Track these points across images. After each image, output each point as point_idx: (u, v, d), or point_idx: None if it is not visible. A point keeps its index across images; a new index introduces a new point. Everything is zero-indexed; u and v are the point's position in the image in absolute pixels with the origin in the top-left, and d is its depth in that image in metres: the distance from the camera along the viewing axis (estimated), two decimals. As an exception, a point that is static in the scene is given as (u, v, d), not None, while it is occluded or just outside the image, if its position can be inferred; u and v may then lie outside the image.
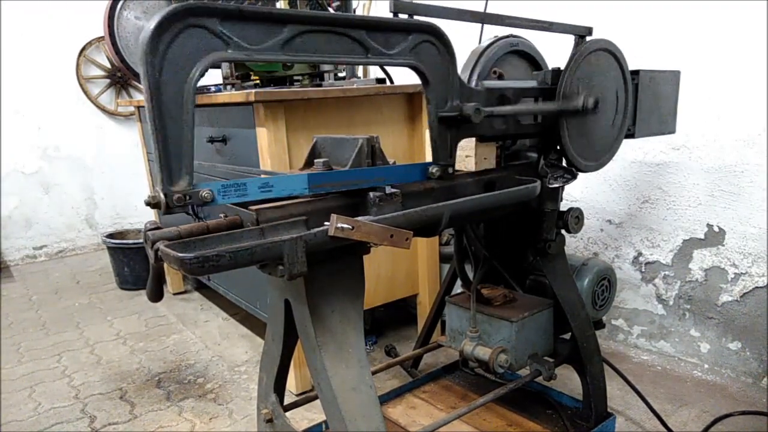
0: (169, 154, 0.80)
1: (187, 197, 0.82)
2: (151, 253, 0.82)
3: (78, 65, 4.10)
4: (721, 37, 1.89)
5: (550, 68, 1.37)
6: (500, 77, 1.39)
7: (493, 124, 1.23)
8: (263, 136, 1.78)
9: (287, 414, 1.20)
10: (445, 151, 1.13)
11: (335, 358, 0.98)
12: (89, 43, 4.11)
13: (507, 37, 1.41)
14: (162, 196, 0.80)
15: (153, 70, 0.76)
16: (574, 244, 2.45)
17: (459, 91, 1.13)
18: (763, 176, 1.87)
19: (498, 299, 1.45)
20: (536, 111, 1.29)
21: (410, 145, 2.16)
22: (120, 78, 4.27)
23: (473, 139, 1.24)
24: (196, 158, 0.91)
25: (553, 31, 1.35)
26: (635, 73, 1.44)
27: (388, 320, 2.65)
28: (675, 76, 1.56)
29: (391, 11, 1.06)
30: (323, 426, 1.52)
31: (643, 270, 2.24)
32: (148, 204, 0.83)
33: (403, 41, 1.02)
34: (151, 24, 0.76)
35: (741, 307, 1.99)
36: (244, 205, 0.93)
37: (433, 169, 1.12)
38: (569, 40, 1.39)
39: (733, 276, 1.99)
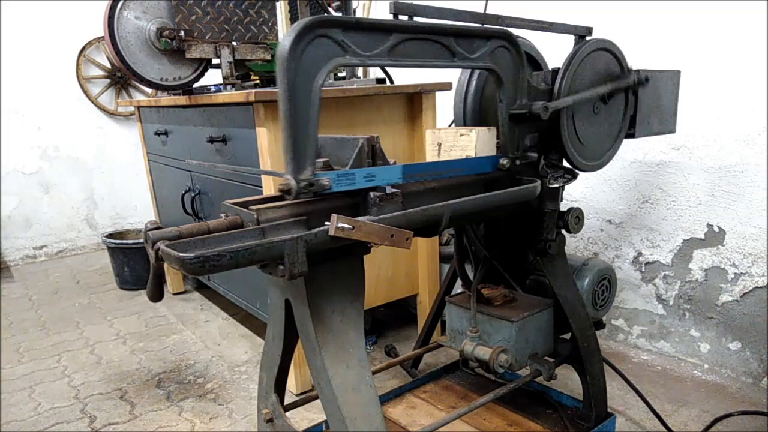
0: (299, 147, 0.90)
1: (311, 184, 0.92)
2: (151, 253, 0.82)
3: (78, 65, 4.10)
4: (721, 37, 1.89)
5: (550, 68, 1.38)
6: (500, 77, 1.39)
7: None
8: (263, 136, 1.78)
9: (287, 414, 1.20)
10: (513, 145, 1.27)
11: (335, 358, 0.98)
12: (89, 43, 4.11)
13: (507, 37, 1.41)
14: (294, 182, 0.90)
15: (290, 74, 0.87)
16: (574, 244, 2.45)
17: (527, 90, 1.25)
18: (763, 176, 1.87)
19: (498, 299, 1.45)
20: (604, 93, 1.36)
21: (410, 145, 2.16)
22: (120, 78, 4.27)
23: (473, 133, 1.25)
24: (196, 158, 0.92)
25: (553, 31, 1.35)
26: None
27: (388, 320, 2.65)
28: (675, 76, 1.56)
29: (391, 12, 1.06)
30: (323, 426, 1.52)
31: (643, 270, 2.24)
32: (281, 191, 0.92)
33: (483, 46, 1.14)
34: (292, 33, 0.87)
35: (741, 307, 1.99)
36: (245, 205, 0.94)
37: (504, 161, 1.25)
38: (569, 40, 1.39)
39: (733, 276, 1.99)
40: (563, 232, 1.47)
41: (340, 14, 2.44)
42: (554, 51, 1.57)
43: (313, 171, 0.92)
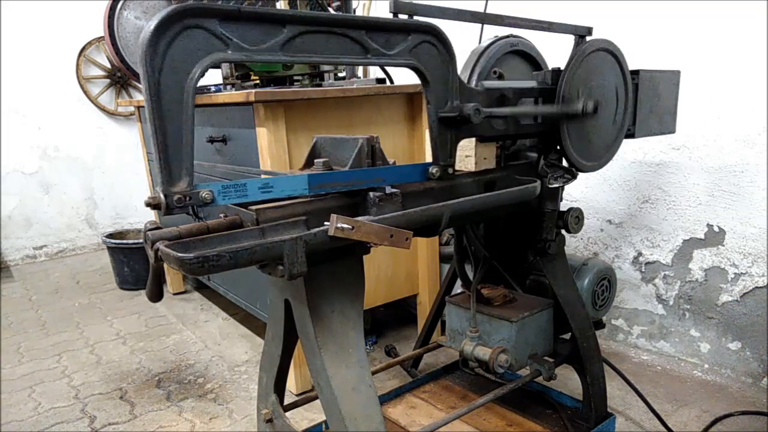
0: (169, 155, 0.80)
1: (188, 198, 0.82)
2: (151, 253, 0.82)
3: (78, 65, 4.10)
4: (721, 37, 1.89)
5: (550, 68, 1.37)
6: (500, 77, 1.39)
7: (493, 124, 1.23)
8: (263, 136, 1.78)
9: (287, 414, 1.20)
10: (445, 152, 1.13)
11: (335, 358, 0.98)
12: (89, 43, 4.11)
13: (507, 37, 1.41)
14: (162, 197, 0.80)
15: (153, 71, 0.76)
16: (574, 244, 2.45)
17: (459, 92, 1.13)
18: (763, 176, 1.87)
19: (498, 299, 1.45)
20: (536, 113, 1.29)
21: (410, 145, 2.16)
22: (120, 78, 4.27)
23: (473, 139, 1.24)
24: (196, 158, 0.92)
25: (553, 31, 1.35)
26: (635, 73, 1.44)
27: (388, 320, 2.65)
28: (675, 76, 1.56)
29: (390, 11, 1.06)
30: (323, 426, 1.52)
31: (643, 270, 2.24)
32: (148, 205, 0.83)
33: (403, 41, 1.02)
34: (151, 25, 0.76)
35: (741, 307, 1.99)
36: (245, 205, 0.93)
37: (433, 170, 1.12)
38: (569, 40, 1.39)
39: (733, 276, 1.99)
40: (563, 232, 1.47)
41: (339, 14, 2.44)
42: (554, 51, 1.57)
43: (190, 182, 0.82)
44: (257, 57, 0.86)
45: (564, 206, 1.43)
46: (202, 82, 2.36)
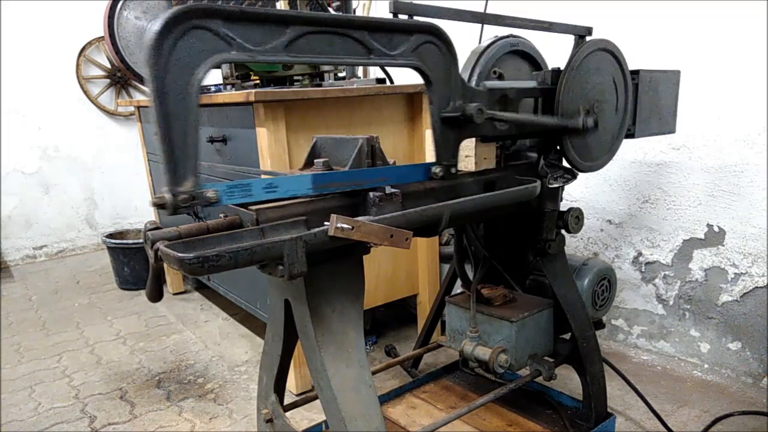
0: (175, 155, 0.81)
1: (193, 198, 0.82)
2: (151, 254, 0.82)
3: (78, 65, 4.10)
4: (721, 37, 1.89)
5: (550, 68, 1.37)
6: (500, 77, 1.39)
7: (495, 124, 1.23)
8: (263, 136, 1.78)
9: (287, 414, 1.20)
10: (447, 151, 1.13)
11: (335, 358, 0.98)
12: (89, 43, 4.11)
13: (507, 37, 1.41)
14: (168, 197, 0.80)
15: (158, 72, 0.76)
16: (574, 244, 2.45)
17: (461, 92, 1.12)
18: (763, 176, 1.87)
19: (498, 299, 1.45)
20: (537, 124, 1.29)
21: (410, 145, 2.16)
22: (120, 78, 4.27)
23: (473, 139, 1.24)
24: (197, 158, 0.92)
25: (553, 31, 1.35)
26: (635, 73, 1.44)
27: (388, 320, 2.65)
28: (675, 76, 1.56)
29: (390, 12, 1.06)
30: (323, 426, 1.52)
31: (643, 270, 2.24)
32: (154, 205, 0.83)
33: (406, 42, 1.01)
34: (155, 26, 0.76)
35: (741, 307, 1.99)
36: (245, 205, 0.93)
37: (436, 170, 1.12)
38: (569, 40, 1.39)
39: (733, 276, 1.99)
40: (563, 232, 1.47)
41: (339, 14, 2.44)
42: (554, 51, 1.57)
43: (195, 182, 0.82)
44: (261, 57, 0.86)
45: (564, 206, 1.43)
46: (203, 82, 2.36)
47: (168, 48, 0.76)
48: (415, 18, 1.06)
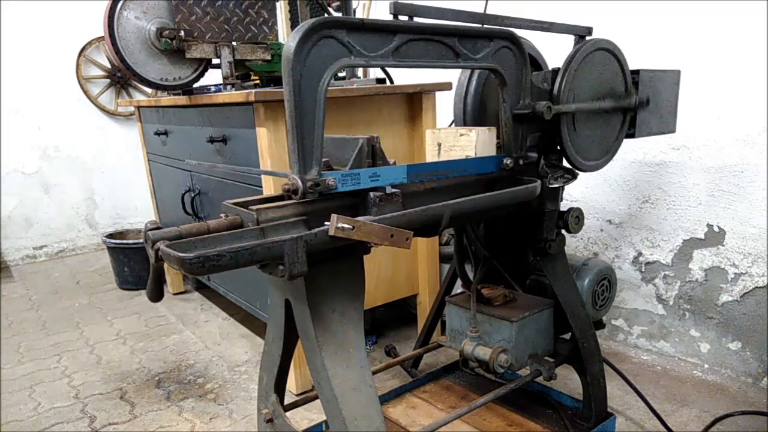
0: (305, 146, 0.91)
1: (317, 184, 0.93)
2: (151, 253, 0.82)
3: (78, 65, 4.10)
4: (721, 37, 1.89)
5: (550, 68, 1.37)
6: (500, 77, 1.39)
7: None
8: (263, 136, 1.78)
9: (287, 414, 1.20)
10: (516, 144, 1.27)
11: (335, 358, 0.98)
12: (89, 43, 4.11)
13: (507, 37, 1.41)
14: (300, 182, 0.91)
15: (295, 75, 0.88)
16: (574, 244, 2.45)
17: (530, 91, 1.25)
18: (763, 176, 1.87)
19: (498, 299, 1.45)
20: (601, 108, 1.37)
21: (410, 145, 2.16)
22: (120, 78, 4.27)
23: (473, 136, 1.24)
24: (196, 158, 0.93)
25: (553, 31, 1.35)
26: (635, 72, 1.44)
27: (388, 320, 2.65)
28: (675, 75, 1.56)
29: (391, 13, 1.06)
30: (323, 426, 1.52)
31: (643, 270, 2.24)
32: (287, 191, 0.93)
33: (486, 47, 1.14)
34: (297, 35, 0.87)
35: (741, 307, 1.99)
36: (245, 205, 0.94)
37: (507, 161, 1.25)
38: (569, 40, 1.39)
39: (733, 276, 1.99)
40: (563, 232, 1.47)
41: (340, 14, 2.45)
42: (554, 51, 1.57)
43: (319, 171, 0.93)
44: (374, 62, 0.98)
45: (564, 206, 1.43)
46: (202, 82, 2.37)
47: (304, 54, 0.88)
48: (420, 19, 1.07)
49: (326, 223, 0.89)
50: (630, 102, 1.42)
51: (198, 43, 2.07)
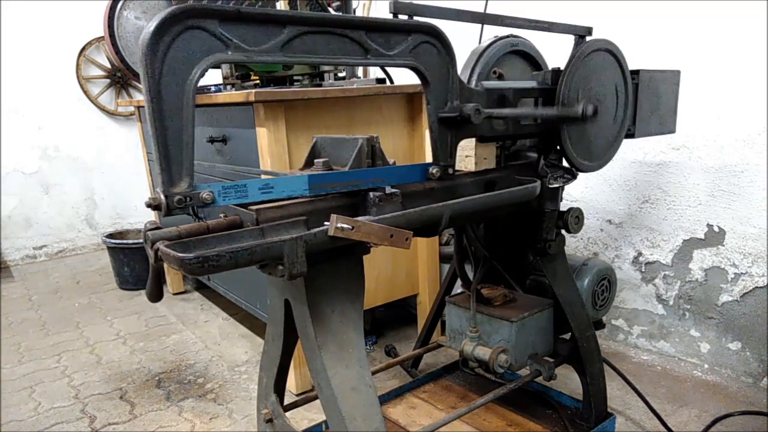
0: (170, 156, 0.80)
1: (188, 199, 0.82)
2: (151, 253, 0.82)
3: (78, 65, 4.10)
4: (721, 37, 1.89)
5: (550, 68, 1.37)
6: (500, 77, 1.39)
7: (494, 124, 1.23)
8: (263, 136, 1.78)
9: (287, 414, 1.20)
10: (445, 152, 1.13)
11: (335, 358, 0.98)
12: (89, 43, 4.11)
13: (507, 37, 1.41)
14: (162, 197, 0.80)
15: (153, 72, 0.76)
16: (574, 244, 2.45)
17: (459, 92, 1.13)
18: (763, 176, 1.87)
19: (498, 299, 1.45)
20: (535, 116, 1.29)
21: (410, 145, 2.16)
22: (120, 78, 4.27)
23: (473, 139, 1.24)
24: (197, 158, 0.92)
25: (553, 32, 1.35)
26: (635, 72, 1.44)
27: (388, 320, 2.65)
28: (675, 76, 1.56)
29: (390, 12, 1.06)
30: (323, 426, 1.52)
31: (643, 270, 2.24)
32: (149, 206, 0.83)
33: (403, 42, 1.02)
34: (151, 26, 0.75)
35: (741, 307, 1.99)
36: (245, 205, 0.93)
37: (434, 170, 1.12)
38: (569, 40, 1.39)
39: (733, 276, 1.99)
40: (563, 232, 1.47)
41: (339, 14, 2.44)
42: (554, 51, 1.57)
43: (190, 183, 0.82)
44: (257, 58, 0.85)
45: (564, 206, 1.43)
46: (202, 82, 2.37)
47: (163, 48, 0.76)
48: (415, 18, 1.06)
49: (326, 223, 0.89)
50: (576, 112, 1.19)
51: (198, 43, 2.07)
